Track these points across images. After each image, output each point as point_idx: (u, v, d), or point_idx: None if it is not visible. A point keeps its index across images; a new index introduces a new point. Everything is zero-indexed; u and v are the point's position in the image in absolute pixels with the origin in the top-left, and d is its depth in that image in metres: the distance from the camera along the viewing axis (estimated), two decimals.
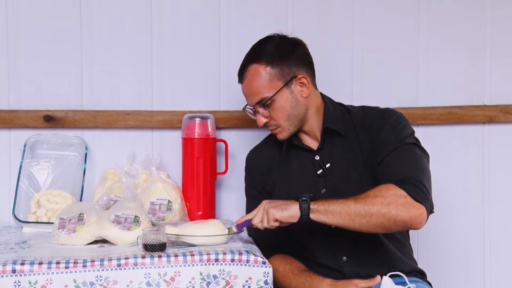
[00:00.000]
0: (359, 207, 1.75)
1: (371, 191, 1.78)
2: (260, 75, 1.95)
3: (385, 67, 2.41)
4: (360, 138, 1.97)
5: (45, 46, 2.27)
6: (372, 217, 1.75)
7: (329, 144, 1.99)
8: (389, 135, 1.91)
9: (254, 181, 2.10)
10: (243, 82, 2.00)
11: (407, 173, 1.81)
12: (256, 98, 1.96)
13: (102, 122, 2.28)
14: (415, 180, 1.79)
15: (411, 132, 1.94)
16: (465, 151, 2.46)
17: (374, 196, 1.76)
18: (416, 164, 1.85)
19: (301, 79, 1.96)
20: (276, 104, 1.95)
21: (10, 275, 1.64)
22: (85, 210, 1.92)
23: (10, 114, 2.25)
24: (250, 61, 1.98)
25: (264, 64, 1.95)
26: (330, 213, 1.77)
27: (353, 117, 2.01)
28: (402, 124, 1.94)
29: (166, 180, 2.18)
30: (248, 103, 2.02)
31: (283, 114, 1.96)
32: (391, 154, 1.88)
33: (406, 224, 1.77)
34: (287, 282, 1.92)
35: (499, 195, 2.47)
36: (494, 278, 2.47)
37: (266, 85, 1.95)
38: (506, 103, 2.45)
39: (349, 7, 2.39)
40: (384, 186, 1.79)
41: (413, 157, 1.87)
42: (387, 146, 1.90)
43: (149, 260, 1.70)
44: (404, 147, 1.89)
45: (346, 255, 1.96)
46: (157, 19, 2.31)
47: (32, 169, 2.21)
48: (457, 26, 2.44)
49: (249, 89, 1.98)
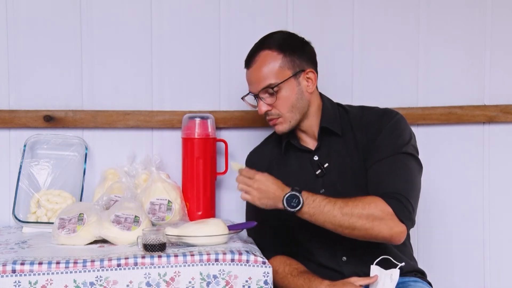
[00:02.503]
0: (343, 219, 1.80)
1: (359, 204, 1.81)
2: (271, 61, 1.95)
3: (385, 67, 2.41)
4: (357, 137, 1.97)
5: (45, 46, 2.27)
6: (355, 230, 1.81)
7: (326, 144, 2.00)
8: (385, 140, 1.92)
9: None
10: (252, 66, 1.97)
11: (397, 187, 1.84)
12: (263, 84, 1.95)
13: (102, 122, 2.28)
14: (403, 197, 1.82)
15: (408, 139, 1.93)
16: (465, 151, 2.46)
17: (361, 210, 1.80)
18: (408, 179, 1.87)
19: (309, 74, 1.97)
20: (282, 92, 1.95)
21: (10, 275, 1.65)
22: (85, 210, 1.92)
23: (10, 114, 2.25)
24: (262, 47, 1.97)
25: (276, 51, 1.95)
26: (314, 219, 1.82)
27: (351, 117, 2.01)
28: (400, 128, 1.94)
29: (166, 180, 2.18)
30: (252, 90, 2.00)
31: (287, 104, 1.96)
32: (384, 161, 1.89)
33: (386, 240, 1.84)
34: (286, 284, 1.92)
35: (499, 195, 2.47)
36: (494, 278, 2.47)
37: (276, 72, 1.94)
38: (506, 103, 2.45)
39: (349, 7, 2.39)
40: (373, 200, 1.82)
41: (406, 171, 1.88)
42: (382, 152, 1.90)
43: (149, 260, 1.70)
44: (400, 157, 1.89)
45: (346, 255, 1.96)
46: (157, 20, 2.31)
47: (32, 169, 2.21)
48: (457, 26, 2.44)
49: (257, 74, 1.96)
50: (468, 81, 2.45)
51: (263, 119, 2.33)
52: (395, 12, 2.41)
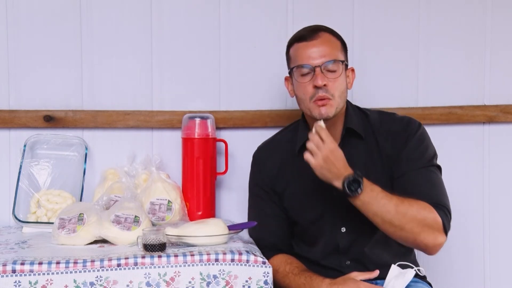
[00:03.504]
0: (396, 217, 1.77)
1: (414, 205, 1.78)
2: (335, 43, 1.92)
3: (385, 67, 2.41)
4: (381, 145, 1.95)
5: (45, 46, 2.27)
6: (403, 230, 1.78)
7: (347, 146, 1.94)
8: (415, 151, 1.91)
9: (263, 180, 2.05)
10: (315, 39, 1.90)
11: (440, 199, 1.84)
12: (330, 57, 1.89)
13: (102, 122, 2.28)
14: (447, 211, 1.84)
15: (434, 152, 1.95)
16: (465, 151, 2.46)
17: (416, 212, 1.77)
18: (445, 192, 1.89)
19: (352, 70, 1.98)
20: (341, 74, 1.91)
21: (10, 275, 1.65)
22: (85, 210, 1.92)
23: (10, 114, 2.25)
24: (323, 28, 1.94)
25: (335, 38, 1.94)
26: (365, 209, 1.79)
27: (371, 121, 1.99)
28: (426, 140, 1.95)
29: (166, 180, 2.18)
30: (314, 62, 1.88)
31: (340, 88, 1.91)
32: (419, 171, 1.88)
33: (426, 248, 1.82)
34: (287, 283, 1.92)
35: (499, 195, 2.47)
36: (495, 279, 2.47)
37: (339, 53, 1.92)
38: (506, 103, 2.45)
39: (349, 7, 2.39)
40: (426, 206, 1.80)
41: (441, 183, 1.90)
42: (414, 162, 1.89)
43: (149, 260, 1.70)
44: (432, 169, 1.91)
45: (350, 258, 1.96)
46: (157, 20, 2.31)
47: (32, 169, 2.21)
48: (457, 26, 2.44)
49: (324, 46, 1.89)
50: (468, 81, 2.45)
51: (263, 119, 2.34)
52: (395, 12, 2.41)
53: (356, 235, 1.95)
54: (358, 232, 1.94)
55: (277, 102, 2.36)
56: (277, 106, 2.36)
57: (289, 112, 2.34)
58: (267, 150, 2.10)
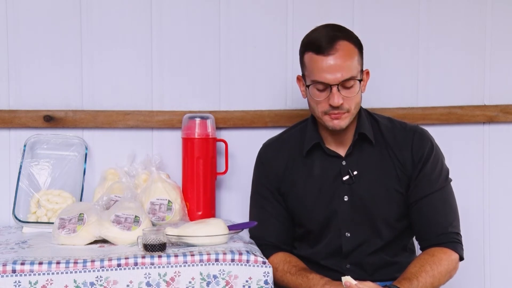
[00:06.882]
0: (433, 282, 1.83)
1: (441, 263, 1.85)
2: (353, 53, 1.86)
3: (385, 67, 2.40)
4: (392, 154, 1.94)
5: (45, 46, 2.27)
6: (440, 285, 1.87)
7: (358, 151, 1.94)
8: (432, 173, 1.93)
9: (268, 180, 2.03)
10: (333, 54, 1.83)
11: (453, 224, 1.92)
12: (347, 74, 1.84)
13: (102, 122, 2.28)
14: (459, 235, 1.93)
15: (447, 169, 1.99)
16: (465, 151, 2.45)
17: (445, 268, 1.86)
18: (456, 210, 1.96)
19: (367, 73, 1.96)
20: (356, 87, 1.87)
21: (10, 275, 1.65)
22: (85, 210, 1.92)
23: (10, 114, 2.25)
24: (340, 36, 1.86)
25: (353, 44, 1.88)
26: None
27: (382, 128, 1.98)
28: (440, 157, 1.98)
29: (166, 180, 2.18)
30: (330, 80, 1.83)
31: (356, 100, 1.89)
32: (436, 194, 1.93)
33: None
34: (285, 282, 1.92)
35: (499, 195, 2.47)
36: (495, 279, 2.47)
37: (356, 65, 1.88)
38: (506, 103, 2.45)
39: (349, 7, 2.38)
40: (445, 253, 1.87)
41: (455, 202, 1.96)
42: (432, 184, 1.93)
43: (149, 260, 1.70)
44: (447, 188, 1.96)
45: (351, 262, 1.97)
46: (157, 20, 2.31)
47: (32, 169, 2.21)
48: (457, 26, 2.43)
49: (342, 63, 1.83)
50: (468, 81, 2.45)
51: (263, 119, 2.34)
52: (395, 12, 2.41)
53: (360, 241, 1.95)
54: (362, 238, 1.95)
55: (277, 102, 2.36)
56: (277, 106, 2.36)
57: (289, 112, 2.34)
58: (273, 148, 2.06)
